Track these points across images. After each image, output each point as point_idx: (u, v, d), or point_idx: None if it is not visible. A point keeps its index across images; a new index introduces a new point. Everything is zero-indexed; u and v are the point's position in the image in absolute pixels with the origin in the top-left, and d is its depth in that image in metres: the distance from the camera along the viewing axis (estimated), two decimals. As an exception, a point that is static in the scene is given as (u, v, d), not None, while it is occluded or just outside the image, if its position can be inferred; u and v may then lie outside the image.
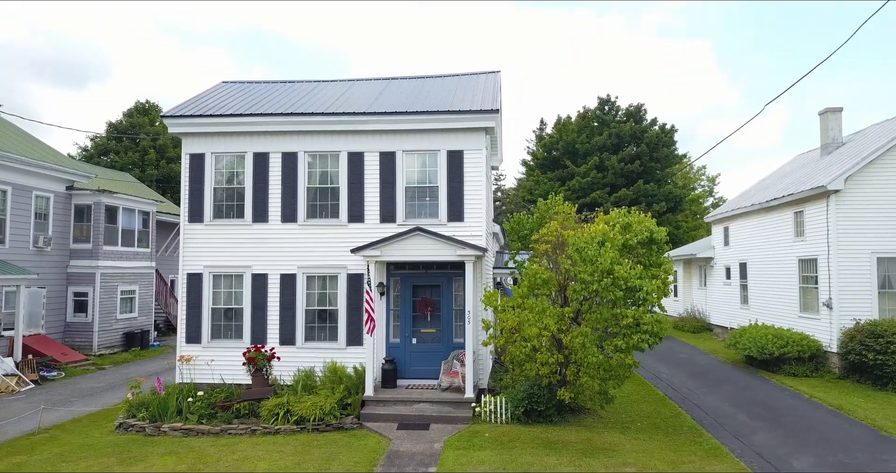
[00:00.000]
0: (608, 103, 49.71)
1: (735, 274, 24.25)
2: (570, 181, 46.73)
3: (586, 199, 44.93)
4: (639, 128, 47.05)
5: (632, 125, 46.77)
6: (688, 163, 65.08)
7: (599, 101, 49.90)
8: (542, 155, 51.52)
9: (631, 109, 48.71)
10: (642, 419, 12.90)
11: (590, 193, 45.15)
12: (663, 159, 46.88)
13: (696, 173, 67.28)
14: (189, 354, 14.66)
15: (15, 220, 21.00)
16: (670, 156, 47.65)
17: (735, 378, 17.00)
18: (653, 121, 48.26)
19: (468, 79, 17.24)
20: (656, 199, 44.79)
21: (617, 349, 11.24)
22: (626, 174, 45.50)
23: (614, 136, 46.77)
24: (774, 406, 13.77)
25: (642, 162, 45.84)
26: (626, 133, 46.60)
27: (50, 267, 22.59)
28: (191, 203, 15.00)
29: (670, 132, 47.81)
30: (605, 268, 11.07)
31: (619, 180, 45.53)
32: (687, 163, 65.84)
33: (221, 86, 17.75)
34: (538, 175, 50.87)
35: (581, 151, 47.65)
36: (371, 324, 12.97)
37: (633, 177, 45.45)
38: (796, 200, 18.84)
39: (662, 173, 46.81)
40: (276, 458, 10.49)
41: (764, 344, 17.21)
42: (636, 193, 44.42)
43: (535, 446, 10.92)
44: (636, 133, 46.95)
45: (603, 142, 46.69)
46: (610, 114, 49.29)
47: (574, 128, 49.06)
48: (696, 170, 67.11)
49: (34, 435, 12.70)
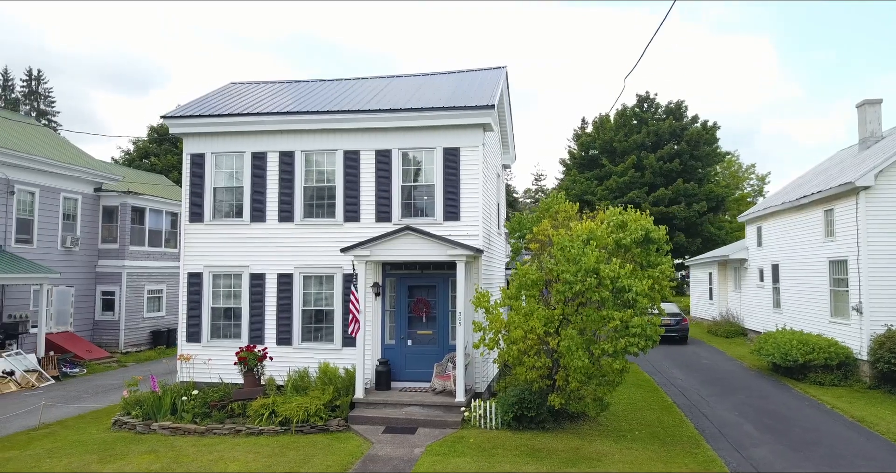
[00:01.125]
0: (647, 100, 48.41)
1: (768, 277, 23.09)
2: (607, 180, 45.67)
3: (623, 199, 43.80)
4: (679, 125, 45.61)
5: (671, 122, 45.38)
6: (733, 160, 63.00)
7: (638, 99, 48.63)
8: (580, 154, 50.59)
9: (671, 106, 47.29)
10: (642, 427, 12.28)
11: (627, 193, 44.01)
12: (704, 157, 45.29)
13: (744, 172, 64.96)
14: (189, 353, 14.76)
15: (43, 221, 21.69)
16: (712, 154, 46.00)
17: (754, 385, 16.10)
18: (693, 118, 46.72)
19: (472, 76, 16.87)
20: (696, 199, 43.31)
21: (604, 353, 10.69)
22: (664, 173, 44.17)
23: (653, 134, 45.49)
24: (788, 417, 12.92)
25: (682, 160, 44.42)
26: (664, 131, 45.26)
27: (78, 267, 23.27)
28: (191, 203, 15.11)
29: (712, 129, 46.16)
30: (588, 267, 10.54)
31: (657, 179, 44.23)
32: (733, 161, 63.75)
33: (230, 87, 17.88)
34: (575, 174, 49.96)
35: (619, 150, 46.54)
36: (355, 326, 12.74)
37: (673, 175, 44.07)
38: (826, 198, 17.75)
39: (704, 172, 45.22)
40: (250, 459, 10.37)
41: (788, 350, 16.25)
42: (675, 192, 43.04)
43: (518, 453, 10.49)
44: (676, 130, 45.54)
45: (641, 140, 45.47)
46: (649, 112, 47.98)
47: (612, 126, 47.97)
48: (744, 168, 64.82)
49: (34, 431, 12.96)
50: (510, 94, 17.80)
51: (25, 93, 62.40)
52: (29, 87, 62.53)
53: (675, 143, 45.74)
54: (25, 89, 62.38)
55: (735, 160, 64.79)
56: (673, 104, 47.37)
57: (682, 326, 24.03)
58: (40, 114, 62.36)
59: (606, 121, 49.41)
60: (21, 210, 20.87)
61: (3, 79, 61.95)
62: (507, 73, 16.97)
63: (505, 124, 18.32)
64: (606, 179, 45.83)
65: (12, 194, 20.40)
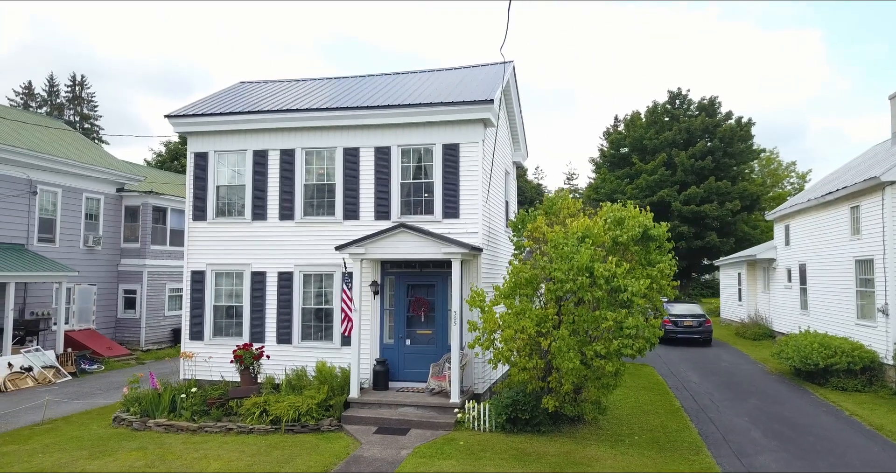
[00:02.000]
0: (679, 97, 47.19)
1: (795, 277, 22.17)
2: (636, 179, 44.69)
3: (653, 198, 42.79)
4: (712, 122, 44.31)
5: (703, 119, 44.12)
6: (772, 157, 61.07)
7: (670, 95, 47.45)
8: (610, 152, 49.67)
9: (704, 103, 46.00)
10: (644, 431, 11.81)
11: (657, 191, 42.94)
12: (738, 155, 43.90)
13: (784, 169, 62.97)
14: (192, 351, 14.84)
15: (65, 221, 22.18)
16: (747, 151, 44.56)
17: (770, 390, 15.40)
18: (727, 115, 45.32)
19: (476, 71, 16.57)
20: (729, 197, 42.00)
21: (597, 354, 10.27)
22: (696, 171, 42.97)
23: (684, 131, 44.30)
24: (800, 423, 12.28)
25: (715, 158, 43.13)
26: (697, 127, 44.04)
27: (100, 266, 23.74)
28: (195, 201, 15.19)
29: (747, 126, 44.71)
30: (581, 266, 10.15)
31: (688, 177, 43.06)
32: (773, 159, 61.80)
33: (237, 86, 17.96)
34: (605, 172, 49.07)
35: (649, 147, 45.48)
36: (348, 324, 12.59)
37: (705, 173, 42.82)
38: (852, 194, 16.91)
39: (738, 169, 43.83)
40: (233, 458, 10.29)
41: (808, 353, 15.50)
42: (707, 191, 41.81)
43: (507, 457, 10.17)
44: (709, 127, 44.27)
45: (672, 137, 44.33)
46: (681, 109, 46.79)
47: (642, 123, 46.94)
48: (784, 166, 62.84)
49: (39, 426, 13.16)
50: (518, 90, 17.43)
51: (69, 98, 64.41)
52: (73, 92, 64.55)
53: (708, 140, 44.49)
54: (70, 94, 64.39)
55: (775, 157, 62.86)
56: (706, 100, 46.08)
57: (706, 328, 23.25)
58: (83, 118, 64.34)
59: (637, 118, 48.38)
60: (43, 210, 21.37)
61: (49, 85, 64.08)
62: (514, 68, 16.62)
63: (514, 120, 17.98)
64: (636, 178, 44.84)
65: (35, 194, 20.90)
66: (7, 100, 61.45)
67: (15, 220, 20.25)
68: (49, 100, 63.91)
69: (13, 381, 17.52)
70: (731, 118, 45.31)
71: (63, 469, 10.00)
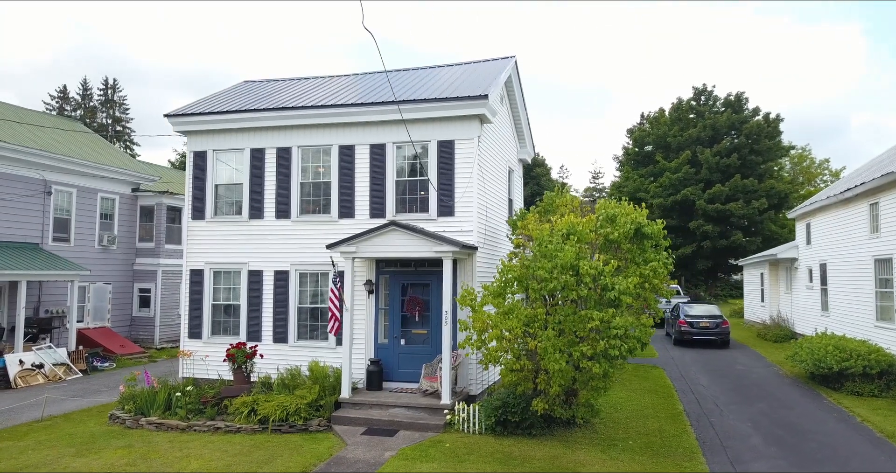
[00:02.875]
0: (704, 93, 46.23)
1: (816, 277, 21.40)
2: (660, 177, 43.87)
3: (677, 197, 41.99)
4: (738, 118, 43.25)
5: (729, 115, 43.08)
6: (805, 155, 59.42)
7: (695, 92, 46.53)
8: (634, 150, 48.89)
9: (730, 99, 44.91)
10: (640, 436, 11.41)
11: (681, 190, 42.10)
12: (765, 152, 42.77)
13: (817, 167, 61.27)
14: (190, 350, 14.86)
15: (80, 220, 22.53)
16: (775, 148, 43.39)
17: (781, 394, 14.81)
18: (755, 111, 44.21)
19: (475, 67, 16.29)
20: (756, 195, 40.93)
21: (583, 356, 9.93)
22: (721, 168, 42.00)
23: (709, 128, 43.34)
24: (805, 429, 11.74)
25: (741, 155, 42.11)
26: (722, 124, 43.03)
27: (115, 265, 24.07)
28: (194, 200, 15.23)
29: (775, 122, 43.56)
30: (565, 263, 9.82)
31: (713, 175, 42.11)
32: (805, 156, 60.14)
33: (241, 85, 17.99)
34: (628, 171, 48.31)
35: (673, 145, 44.62)
36: (335, 324, 12.44)
37: (730, 171, 41.83)
38: (871, 190, 16.20)
39: (765, 167, 42.67)
40: (214, 458, 10.22)
41: (821, 356, 14.88)
42: (732, 189, 40.81)
43: (491, 461, 9.91)
44: (734, 124, 43.21)
45: (697, 134, 43.42)
46: (706, 105, 45.78)
47: (666, 120, 46.06)
48: (816, 163, 61.13)
49: (38, 423, 13.28)
50: (522, 86, 17.10)
51: (102, 101, 65.83)
52: (105, 96, 65.97)
53: (734, 137, 43.45)
54: (102, 98, 65.82)
55: (807, 155, 61.20)
56: (732, 96, 44.99)
57: (723, 329, 22.58)
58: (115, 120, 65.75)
59: (662, 115, 47.55)
60: (58, 210, 21.73)
61: (83, 88, 65.56)
62: (515, 63, 16.31)
63: (518, 117, 17.66)
64: (660, 176, 44.04)
65: (49, 194, 21.25)
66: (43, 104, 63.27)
67: (30, 220, 20.61)
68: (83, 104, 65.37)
69: (24, 378, 17.81)
70: (759, 114, 44.22)
71: (47, 466, 10.03)
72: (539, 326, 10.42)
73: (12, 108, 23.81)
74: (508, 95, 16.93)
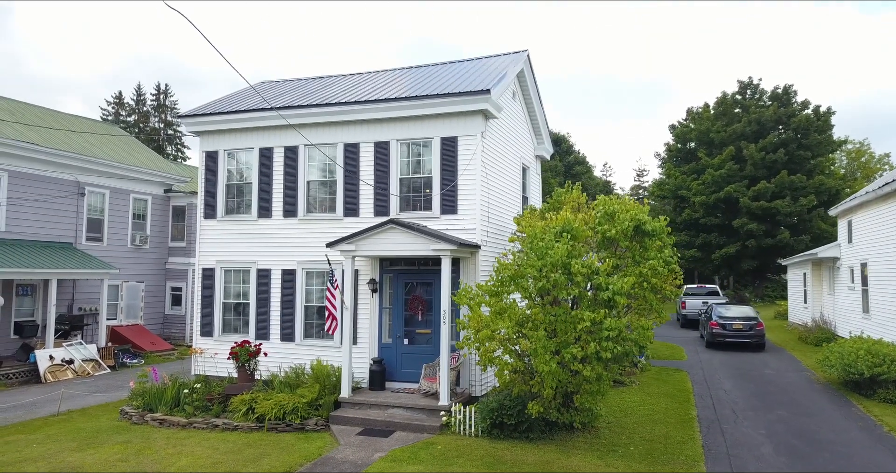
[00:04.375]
0: (750, 86, 44.55)
1: (857, 277, 20.24)
2: (702, 174, 42.47)
3: (720, 194, 40.58)
4: (785, 112, 41.49)
5: (775, 109, 41.36)
6: (863, 150, 56.69)
7: (740, 85, 44.90)
8: (676, 147, 47.54)
9: (777, 92, 43.13)
10: (644, 442, 10.93)
11: (724, 187, 40.64)
12: (815, 146, 40.89)
13: (876, 162, 58.33)
14: (202, 347, 15.05)
15: (113, 221, 23.20)
16: (825, 142, 41.43)
17: (806, 400, 14.01)
18: (804, 104, 42.34)
19: (486, 62, 15.98)
20: (804, 192, 39.18)
21: (574, 358, 9.55)
22: (767, 164, 40.36)
23: (754, 123, 41.71)
24: (823, 439, 11.03)
25: (788, 150, 40.36)
26: (768, 118, 41.35)
27: (148, 264, 24.71)
28: (206, 200, 15.42)
29: (826, 115, 41.60)
30: (555, 262, 9.46)
31: (758, 172, 40.50)
32: (863, 151, 57.37)
33: (257, 86, 18.13)
34: (670, 168, 46.99)
35: (716, 141, 43.14)
36: (332, 323, 12.35)
37: (776, 167, 40.14)
38: (909, 184, 15.19)
39: (814, 162, 40.77)
40: (205, 455, 10.27)
41: (851, 361, 14.01)
42: (779, 186, 39.16)
43: (479, 465, 9.64)
44: (781, 118, 41.47)
45: (741, 129, 41.85)
46: (752, 99, 44.10)
47: (709, 115, 44.56)
48: (875, 157, 58.22)
49: (54, 417, 13.66)
50: (536, 81, 16.71)
51: (154, 106, 68.05)
52: (157, 101, 68.15)
53: (781, 132, 41.71)
54: (155, 103, 68.02)
55: (865, 149, 58.37)
56: (780, 89, 43.19)
57: (757, 332, 21.59)
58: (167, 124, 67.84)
59: (706, 110, 46.02)
60: (91, 210, 22.42)
61: (137, 94, 67.90)
62: (528, 58, 15.96)
63: (533, 113, 17.27)
64: (702, 173, 42.63)
65: (82, 196, 21.95)
66: (100, 109, 65.94)
67: (64, 220, 21.32)
68: (137, 109, 67.72)
69: (53, 373, 18.41)
70: (808, 108, 42.33)
71: (45, 460, 10.26)
72: (532, 327, 10.09)
73: (49, 112, 24.69)
74: (522, 91, 16.58)
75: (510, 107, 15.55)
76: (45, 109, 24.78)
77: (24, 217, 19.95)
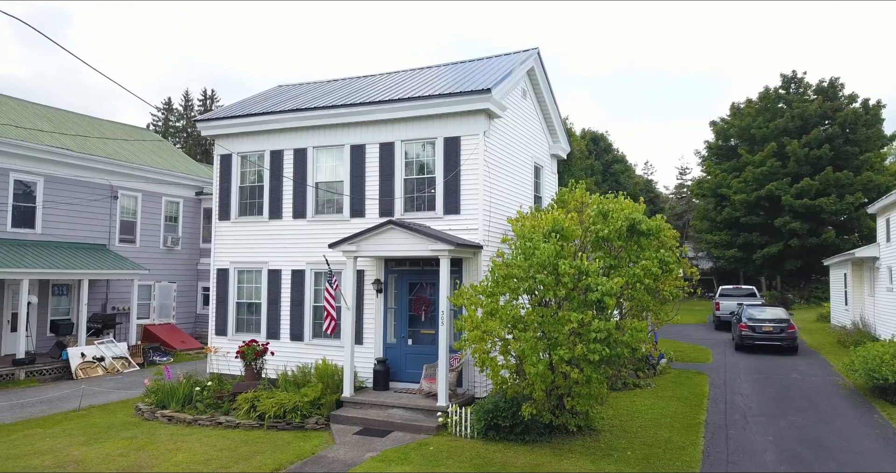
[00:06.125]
0: (794, 81, 42.97)
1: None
2: (743, 172, 41.18)
3: (761, 192, 39.27)
4: (831, 106, 39.85)
5: (820, 103, 39.77)
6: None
7: (783, 79, 43.32)
8: (717, 144, 46.24)
9: (822, 85, 41.47)
10: (644, 446, 10.66)
11: (765, 185, 39.29)
12: (863, 142, 39.14)
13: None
14: (216, 346, 15.40)
15: (145, 223, 23.96)
16: (874, 137, 39.62)
17: (826, 406, 13.42)
18: (851, 97, 40.59)
19: (495, 61, 15.84)
20: (850, 189, 37.57)
21: (561, 360, 9.39)
22: (811, 161, 38.84)
23: (798, 118, 40.19)
24: (833, 447, 10.55)
25: (833, 146, 38.76)
26: (812, 113, 39.78)
27: (179, 265, 25.43)
28: (220, 202, 15.77)
29: (875, 109, 39.80)
30: (542, 262, 9.32)
31: (802, 168, 39.02)
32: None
33: (273, 89, 18.47)
34: (710, 165, 45.76)
35: (758, 137, 41.74)
36: (330, 323, 12.45)
37: (821, 164, 38.59)
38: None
39: (862, 158, 38.99)
40: (200, 451, 10.49)
41: (875, 366, 13.38)
42: (823, 183, 37.65)
43: (468, 466, 9.58)
44: (826, 112, 39.86)
45: (784, 125, 40.39)
46: (796, 94, 42.54)
47: (751, 111, 43.17)
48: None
49: (74, 412, 14.17)
50: (549, 79, 16.51)
51: (201, 111, 70.11)
52: (204, 106, 70.18)
53: (826, 127, 40.09)
54: (202, 108, 70.06)
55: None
56: (825, 82, 41.52)
57: (788, 334, 20.80)
58: (212, 128, 69.87)
59: (748, 105, 44.57)
60: (124, 212, 23.21)
61: (185, 99, 70.10)
62: (538, 55, 15.77)
63: (547, 111, 17.07)
64: (743, 171, 41.33)
65: (115, 199, 22.74)
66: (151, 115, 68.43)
67: (97, 222, 22.14)
68: (185, 114, 69.89)
69: (84, 370, 19.11)
70: (856, 101, 40.57)
71: (52, 453, 10.65)
72: (522, 328, 9.97)
73: (86, 119, 25.66)
74: (534, 89, 16.41)
75: (519, 105, 15.41)
76: (83, 116, 25.77)
77: (59, 219, 20.78)
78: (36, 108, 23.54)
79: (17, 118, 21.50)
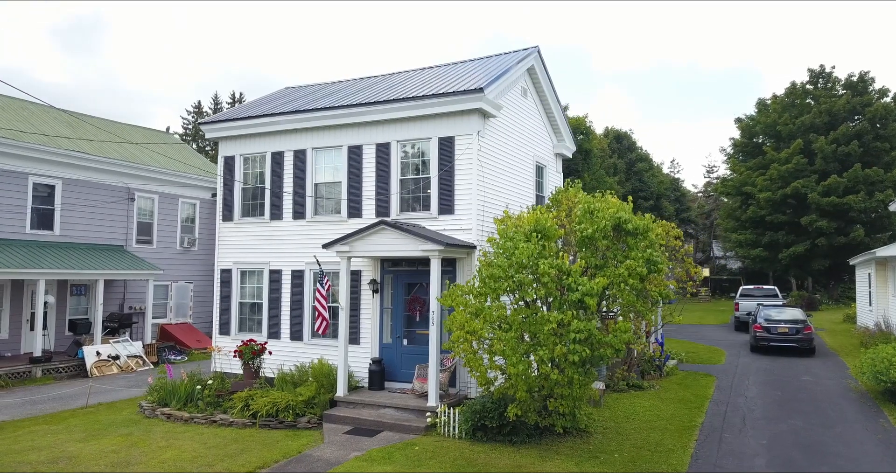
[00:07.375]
0: (822, 75, 41.89)
1: (915, 278, 18.68)
2: (768, 169, 40.29)
3: (786, 190, 38.40)
4: (860, 101, 38.75)
5: (848, 98, 38.70)
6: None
7: (811, 74, 42.27)
8: (741, 141, 45.35)
9: (851, 80, 40.36)
10: (633, 449, 10.51)
11: (791, 182, 38.39)
12: (894, 137, 37.97)
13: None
14: (220, 345, 15.63)
15: (162, 224, 24.44)
16: (907, 131, 38.43)
17: (831, 410, 13.05)
18: (881, 92, 39.42)
19: (494, 61, 15.76)
20: (881, 187, 36.48)
21: (542, 360, 9.31)
22: (838, 158, 37.83)
23: (825, 114, 39.18)
24: (829, 452, 10.26)
25: (862, 142, 37.69)
26: (840, 108, 38.74)
27: (196, 265, 25.87)
28: (224, 203, 16.00)
29: (907, 102, 38.59)
30: (520, 262, 9.25)
31: (829, 165, 38.03)
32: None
33: (279, 91, 18.66)
34: (734, 162, 44.89)
35: (784, 134, 40.83)
36: (321, 323, 12.53)
37: (849, 161, 37.56)
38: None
39: (894, 154, 37.81)
40: (189, 449, 10.67)
41: (883, 368, 12.97)
42: (851, 180, 36.64)
43: (450, 467, 9.57)
44: (855, 107, 38.77)
45: (810, 121, 39.42)
46: (823, 89, 41.46)
47: (776, 107, 42.23)
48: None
49: (81, 409, 14.52)
50: (550, 78, 16.38)
51: (230, 114, 71.31)
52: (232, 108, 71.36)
53: (855, 123, 38.98)
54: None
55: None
56: (854, 77, 40.38)
57: (804, 335, 20.28)
58: (241, 131, 71.10)
59: (774, 102, 43.64)
60: (141, 214, 23.71)
61: (214, 102, 71.35)
62: (538, 54, 15.66)
63: (550, 110, 16.94)
64: (768, 168, 40.44)
65: (132, 201, 23.25)
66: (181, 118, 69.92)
67: (115, 224, 22.66)
68: (213, 117, 71.16)
69: (99, 368, 19.57)
70: (888, 95, 39.39)
71: (49, 448, 10.93)
72: (505, 328, 9.91)
73: (105, 122, 26.26)
74: (535, 87, 16.30)
75: (519, 104, 15.32)
76: (102, 120, 26.39)
77: (78, 221, 21.32)
78: (57, 113, 24.19)
79: (37, 123, 22.13)
